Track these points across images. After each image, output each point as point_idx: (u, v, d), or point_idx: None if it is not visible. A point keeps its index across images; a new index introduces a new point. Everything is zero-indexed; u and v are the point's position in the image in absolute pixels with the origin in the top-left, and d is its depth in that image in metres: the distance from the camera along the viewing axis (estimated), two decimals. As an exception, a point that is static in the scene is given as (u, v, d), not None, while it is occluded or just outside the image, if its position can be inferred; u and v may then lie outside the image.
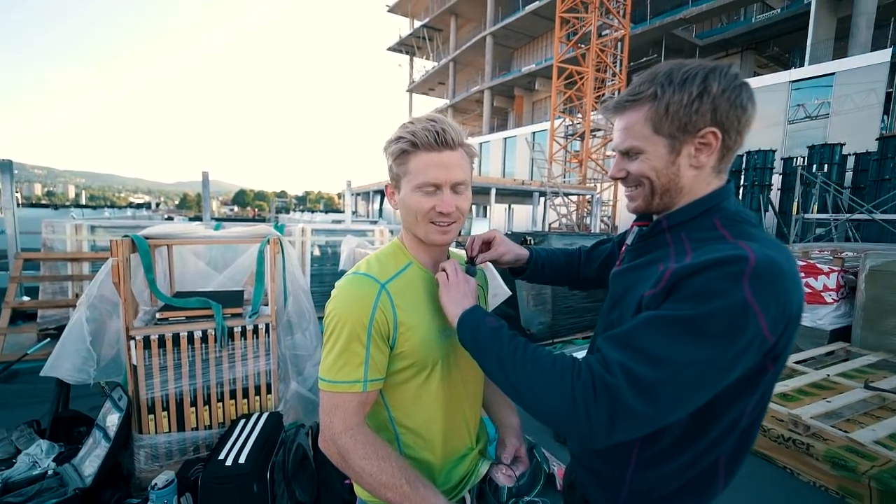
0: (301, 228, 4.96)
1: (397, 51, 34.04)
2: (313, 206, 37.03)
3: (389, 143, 0.82)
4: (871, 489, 2.12)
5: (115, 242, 1.95)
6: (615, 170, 0.78)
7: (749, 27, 16.79)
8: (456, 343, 0.87)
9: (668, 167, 0.70)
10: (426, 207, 0.80)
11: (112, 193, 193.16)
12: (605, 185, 15.58)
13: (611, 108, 0.75)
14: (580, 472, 0.88)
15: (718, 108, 0.65)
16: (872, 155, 10.06)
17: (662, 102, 0.67)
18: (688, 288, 0.60)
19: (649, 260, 0.75)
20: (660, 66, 0.70)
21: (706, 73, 0.65)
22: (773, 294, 0.57)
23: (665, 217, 0.75)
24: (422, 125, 0.79)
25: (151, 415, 2.02)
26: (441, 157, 0.79)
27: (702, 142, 0.68)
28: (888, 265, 3.70)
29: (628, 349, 0.60)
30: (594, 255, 1.11)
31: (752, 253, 0.58)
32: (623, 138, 0.73)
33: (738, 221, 0.69)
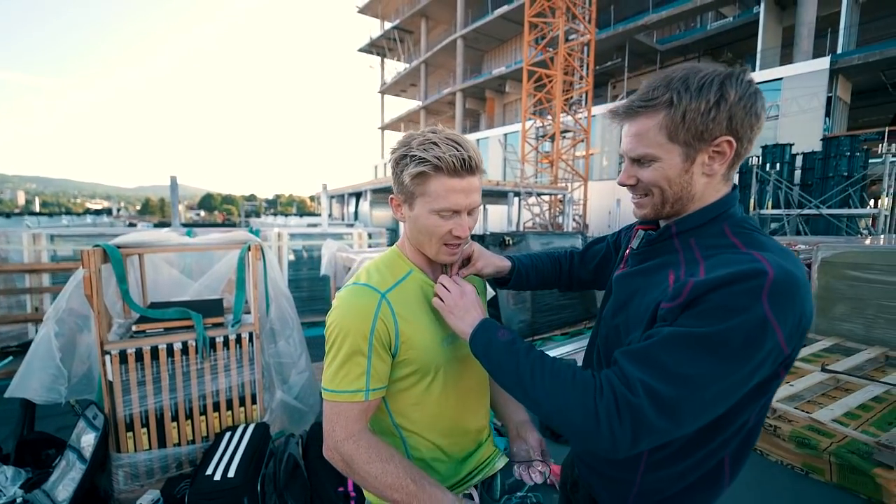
0: (277, 233, 4.85)
1: (368, 52, 33.71)
2: (285, 210, 36.02)
3: (407, 159, 0.78)
4: (830, 464, 2.29)
5: (87, 253, 1.85)
6: (625, 176, 0.75)
7: (705, 34, 17.71)
8: (459, 348, 0.89)
9: (681, 175, 0.69)
10: (443, 231, 0.81)
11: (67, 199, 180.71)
12: (575, 184, 16.01)
13: (621, 112, 0.72)
14: (586, 472, 0.88)
15: (734, 117, 0.64)
16: (818, 154, 10.82)
17: (679, 110, 0.65)
18: (708, 303, 0.59)
19: (657, 265, 0.74)
20: (673, 71, 0.68)
21: (722, 79, 0.64)
22: (791, 308, 0.58)
23: (675, 223, 0.74)
24: (448, 150, 0.76)
25: (130, 432, 1.93)
26: (463, 184, 0.78)
27: (716, 150, 0.66)
28: (838, 256, 4.00)
29: (649, 367, 0.60)
30: (588, 256, 1.10)
31: (770, 266, 0.58)
32: (635, 145, 0.71)
33: (747, 230, 0.69)
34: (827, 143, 10.79)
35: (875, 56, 12.62)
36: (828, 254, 4.06)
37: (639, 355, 0.62)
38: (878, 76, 14.43)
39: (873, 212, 10.18)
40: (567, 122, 16.07)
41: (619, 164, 17.92)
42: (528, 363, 0.69)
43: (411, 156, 0.77)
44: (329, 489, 1.86)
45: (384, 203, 12.96)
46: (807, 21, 13.93)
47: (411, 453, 0.89)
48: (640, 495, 0.76)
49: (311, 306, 5.42)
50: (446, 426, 0.90)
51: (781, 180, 10.84)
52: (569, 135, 16.33)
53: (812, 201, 10.42)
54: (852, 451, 2.26)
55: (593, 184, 17.10)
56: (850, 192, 10.10)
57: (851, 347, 3.70)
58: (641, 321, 0.70)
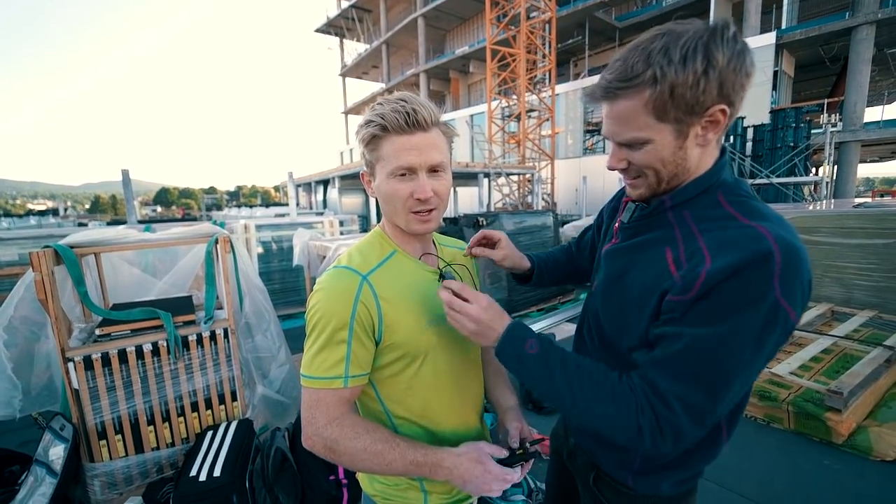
0: (244, 225, 4.65)
1: (326, 32, 32.24)
2: (249, 201, 34.55)
3: (360, 127, 0.78)
4: (788, 413, 2.50)
5: (36, 255, 1.71)
6: (614, 161, 0.70)
7: (661, 10, 18.06)
8: (448, 329, 0.83)
9: (675, 153, 0.65)
10: (404, 195, 0.77)
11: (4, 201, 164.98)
12: (542, 163, 16.21)
13: (598, 94, 0.66)
14: (586, 441, 0.89)
15: (725, 82, 0.59)
16: (767, 126, 11.43)
17: (665, 86, 0.59)
18: (722, 295, 0.58)
19: (651, 240, 0.72)
20: (651, 40, 0.61)
21: (706, 42, 0.57)
22: (799, 285, 0.58)
23: (669, 197, 0.70)
24: (391, 106, 0.74)
25: (103, 440, 1.84)
26: (413, 140, 0.75)
27: (709, 120, 0.62)
28: (790, 221, 4.26)
29: (681, 379, 0.60)
30: (583, 244, 1.07)
31: (775, 244, 0.57)
32: (621, 129, 0.65)
33: (743, 197, 0.67)
34: (775, 116, 11.40)
35: (814, 31, 13.32)
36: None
37: (668, 366, 0.62)
38: (817, 51, 15.28)
39: (816, 179, 10.92)
40: (532, 102, 16.13)
41: (583, 143, 18.26)
42: (565, 378, 0.68)
43: (363, 123, 0.77)
44: (320, 478, 1.85)
45: (353, 189, 12.68)
46: (754, -3, 14.48)
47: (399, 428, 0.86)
48: (645, 460, 0.78)
49: (286, 298, 5.29)
50: (440, 412, 0.87)
51: (735, 152, 11.40)
52: (534, 114, 16.42)
53: (763, 171, 11.04)
54: (807, 399, 2.47)
55: (560, 162, 17.37)
56: (796, 162, 10.76)
57: (802, 305, 4.01)
58: (642, 305, 0.68)
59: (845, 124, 13.01)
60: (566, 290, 5.74)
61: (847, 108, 13.10)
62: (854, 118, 12.97)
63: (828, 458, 2.25)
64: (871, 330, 3.38)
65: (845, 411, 2.35)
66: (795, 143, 10.85)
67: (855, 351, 3.01)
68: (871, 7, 12.50)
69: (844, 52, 13.89)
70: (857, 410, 2.41)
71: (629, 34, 20.04)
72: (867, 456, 2.24)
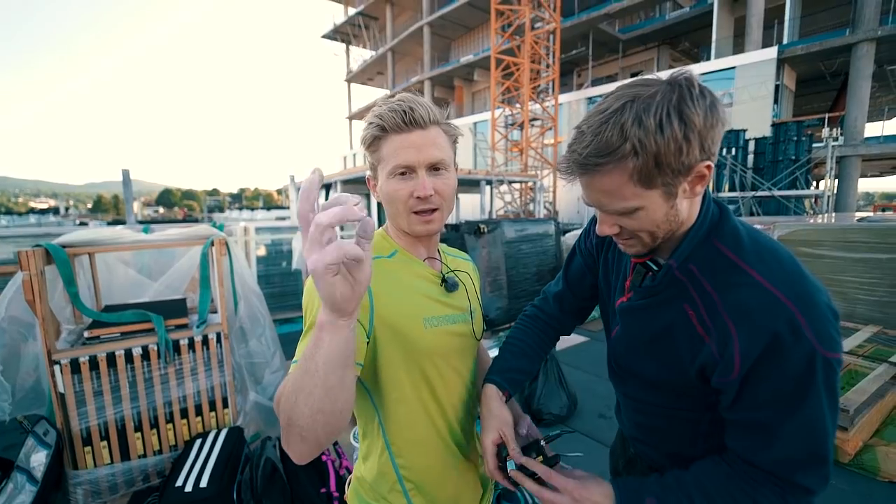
0: (243, 227, 4.62)
1: (332, 39, 32.55)
2: (251, 204, 34.62)
3: (362, 131, 0.78)
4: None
5: (25, 254, 1.67)
6: (606, 227, 0.69)
7: (664, 23, 18.22)
8: (447, 333, 0.82)
9: (667, 213, 0.65)
10: (404, 194, 0.75)
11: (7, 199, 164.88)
12: (545, 172, 16.24)
13: (575, 170, 0.64)
14: (648, 450, 0.89)
15: (705, 140, 0.59)
16: (768, 139, 11.45)
17: (648, 156, 0.58)
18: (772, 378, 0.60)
19: (666, 298, 0.72)
20: (617, 111, 0.59)
21: (677, 105, 0.57)
22: (830, 323, 0.60)
23: (673, 259, 0.70)
24: (388, 106, 0.74)
25: (88, 446, 1.78)
26: (411, 138, 0.74)
27: (696, 175, 0.62)
28: (793, 234, 4.25)
29: (800, 461, 0.62)
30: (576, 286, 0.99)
31: (794, 307, 0.59)
32: (608, 201, 0.65)
33: (737, 238, 0.67)
34: (776, 129, 11.42)
35: (815, 47, 13.42)
36: (783, 232, 4.30)
37: (783, 459, 0.63)
38: (818, 66, 15.38)
39: (818, 193, 10.92)
40: (535, 111, 16.21)
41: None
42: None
43: (364, 126, 0.78)
44: (311, 491, 1.80)
45: (355, 194, 12.68)
46: (756, 12, 14.59)
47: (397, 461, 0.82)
48: None
49: (284, 302, 5.23)
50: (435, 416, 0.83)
51: (736, 164, 11.41)
52: (537, 123, 16.50)
53: (764, 184, 11.04)
54: (811, 416, 2.41)
55: (562, 171, 17.39)
56: (798, 175, 10.76)
57: (805, 320, 3.96)
58: (685, 371, 0.70)
59: (846, 139, 13.04)
60: (566, 299, 5.69)
61: (848, 122, 13.14)
62: (855, 133, 13.01)
63: (833, 478, 2.17)
64: (875, 346, 3.33)
65: (851, 429, 2.29)
66: (797, 156, 10.86)
67: (860, 367, 2.95)
68: (871, 24, 12.60)
69: (845, 67, 13.99)
70: (864, 429, 2.35)
71: (632, 46, 20.21)
72: (874, 476, 2.18)
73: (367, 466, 0.85)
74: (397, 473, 0.82)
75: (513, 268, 5.06)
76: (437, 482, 0.85)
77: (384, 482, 0.83)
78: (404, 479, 0.82)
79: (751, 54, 14.20)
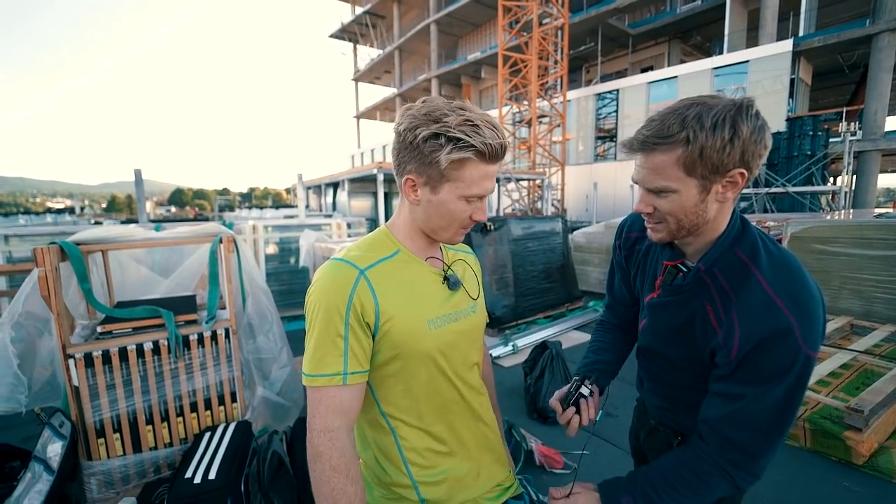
0: (252, 225, 4.68)
1: (340, 38, 32.69)
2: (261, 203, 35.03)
3: (442, 139, 0.71)
4: (805, 430, 2.39)
5: (40, 251, 1.72)
6: (643, 205, 0.79)
7: (675, 17, 17.90)
8: (450, 332, 0.85)
9: (697, 206, 0.74)
10: (465, 216, 0.80)
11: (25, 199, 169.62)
12: (553, 169, 16.13)
13: (637, 146, 0.75)
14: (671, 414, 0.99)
15: (747, 151, 0.69)
16: (783, 134, 11.21)
17: (696, 146, 0.69)
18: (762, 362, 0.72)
19: (690, 296, 0.83)
20: (685, 108, 0.71)
21: (734, 116, 0.68)
22: (818, 330, 0.71)
23: (701, 262, 0.80)
24: (492, 136, 0.73)
25: (101, 438, 1.83)
26: (493, 169, 0.78)
27: (729, 181, 0.72)
28: (806, 231, 4.15)
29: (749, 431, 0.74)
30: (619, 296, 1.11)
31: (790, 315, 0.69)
32: (653, 178, 0.75)
33: (754, 248, 0.77)
34: (791, 124, 11.19)
35: (833, 39, 13.06)
36: (797, 229, 4.21)
37: (736, 421, 0.75)
38: (835, 59, 14.99)
39: (834, 189, 10.67)
40: (543, 108, 16.10)
41: (594, 149, 18.12)
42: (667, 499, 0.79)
43: (451, 137, 0.71)
44: (317, 484, 1.82)
45: (362, 192, 12.74)
46: (771, 4, 14.25)
47: (401, 443, 0.84)
48: None
49: (292, 300, 5.29)
50: (439, 417, 0.86)
51: (750, 160, 11.19)
52: (545, 120, 16.38)
53: (778, 180, 10.82)
54: (824, 416, 2.36)
55: (570, 168, 17.27)
56: (813, 171, 10.54)
57: (819, 318, 3.87)
58: (700, 353, 0.82)
59: (865, 133, 12.70)
60: (574, 297, 5.66)
61: (867, 116, 12.79)
62: (874, 127, 12.66)
63: (847, 480, 2.15)
64: (892, 345, 3.24)
65: (866, 430, 2.24)
66: (812, 151, 10.62)
67: (876, 367, 2.89)
68: (893, 14, 12.22)
69: (864, 59, 13.60)
70: (879, 430, 2.30)
71: (642, 41, 19.90)
72: (890, 479, 2.13)
73: (368, 454, 0.88)
74: (402, 455, 0.84)
75: (519, 266, 5.04)
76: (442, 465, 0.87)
77: (388, 463, 0.85)
78: (409, 462, 0.84)
79: (765, 47, 13.88)
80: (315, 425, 0.74)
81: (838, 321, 3.72)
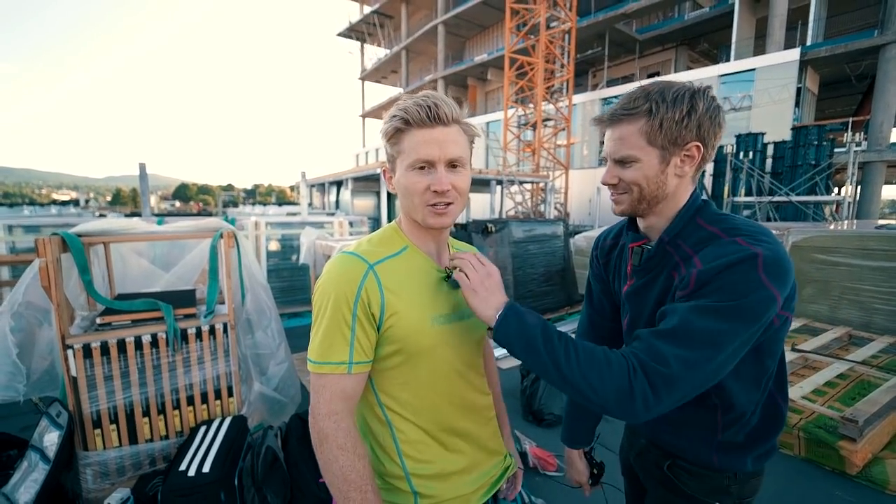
0: (254, 222, 4.70)
1: (347, 37, 32.82)
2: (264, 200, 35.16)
3: (384, 123, 0.81)
4: (799, 439, 2.39)
5: (42, 241, 1.74)
6: (609, 176, 0.85)
7: (682, 24, 17.89)
8: (452, 331, 0.85)
9: (657, 176, 0.80)
10: (421, 187, 0.78)
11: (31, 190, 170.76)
12: (556, 173, 16.12)
13: (605, 119, 0.82)
14: (662, 434, 0.95)
15: (702, 125, 0.76)
16: (788, 143, 11.16)
17: (657, 118, 0.76)
18: (717, 283, 0.70)
19: (659, 272, 0.85)
20: (650, 85, 0.79)
21: (692, 93, 0.76)
22: (780, 272, 0.71)
23: (664, 233, 0.85)
24: (414, 101, 0.77)
25: (98, 429, 1.85)
26: (434, 133, 0.77)
27: (686, 154, 0.79)
28: (807, 240, 4.15)
29: (680, 340, 0.69)
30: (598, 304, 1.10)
31: (756, 247, 0.71)
32: (618, 147, 0.81)
33: (719, 218, 0.81)
34: (796, 133, 11.14)
35: (840, 49, 13.03)
36: (798, 238, 4.20)
37: (668, 334, 0.71)
38: (843, 68, 14.93)
39: (838, 199, 10.62)
40: (548, 111, 16.09)
41: (599, 154, 18.09)
42: (562, 346, 0.74)
43: (387, 118, 0.80)
44: (310, 481, 1.83)
45: (366, 191, 12.76)
46: (779, 13, 14.23)
47: (397, 436, 0.85)
48: (721, 444, 0.87)
49: (292, 296, 5.31)
50: (436, 413, 0.87)
51: (754, 168, 11.16)
52: (550, 123, 16.37)
53: (782, 189, 10.78)
54: (819, 426, 2.36)
55: (574, 172, 17.25)
56: (817, 180, 10.49)
57: (818, 328, 3.86)
58: None
59: (870, 144, 12.64)
60: (574, 300, 5.66)
61: (873, 127, 12.74)
62: (880, 138, 12.61)
63: (840, 490, 2.15)
64: (890, 356, 3.23)
65: (860, 441, 2.24)
66: (817, 161, 10.58)
67: (872, 378, 2.88)
68: (902, 25, 12.17)
69: (871, 70, 13.54)
70: (874, 440, 2.30)
71: (649, 47, 19.89)
72: (883, 489, 2.12)
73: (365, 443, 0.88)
74: (397, 447, 0.85)
75: (520, 268, 5.05)
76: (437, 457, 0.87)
77: (383, 455, 0.86)
78: (403, 454, 0.85)
79: (772, 56, 13.86)
80: (320, 410, 0.76)
81: (837, 331, 3.71)
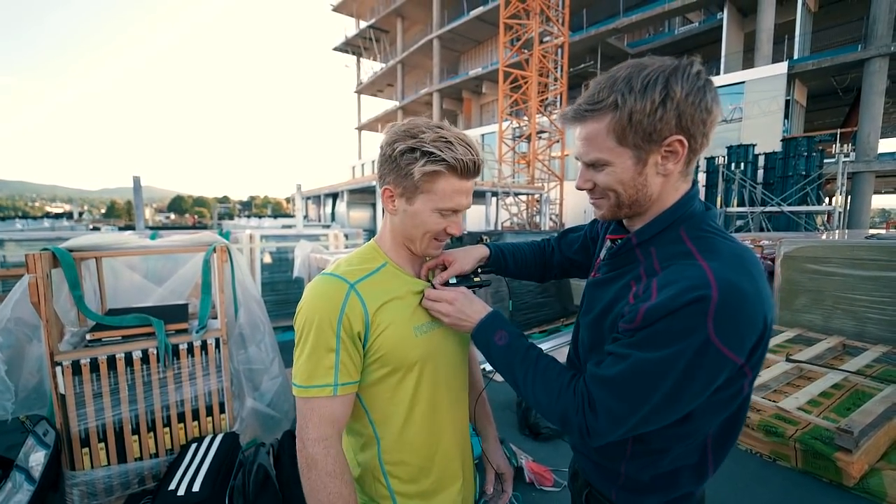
0: (249, 235, 4.69)
1: (343, 51, 33.26)
2: (260, 212, 35.10)
3: (417, 153, 0.74)
4: (796, 450, 2.38)
5: (32, 257, 1.72)
6: (581, 181, 0.75)
7: (673, 38, 18.35)
8: (435, 343, 0.87)
9: (635, 178, 0.68)
10: (439, 228, 0.82)
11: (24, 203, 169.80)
12: (551, 184, 16.26)
13: (570, 116, 0.70)
14: (582, 461, 0.90)
15: (683, 114, 0.62)
16: (778, 154, 11.35)
17: (624, 112, 0.63)
18: (657, 328, 0.61)
19: (620, 274, 0.76)
20: (619, 69, 0.65)
21: (667, 76, 0.61)
22: (737, 323, 0.59)
23: (635, 234, 0.74)
24: (464, 152, 0.75)
25: (86, 448, 1.81)
26: (467, 185, 0.81)
27: (668, 150, 0.65)
28: (799, 251, 4.19)
29: (612, 391, 0.66)
30: (565, 243, 1.09)
31: (715, 285, 0.59)
32: (587, 150, 0.69)
33: (705, 232, 0.69)
34: (786, 144, 11.34)
35: (826, 62, 13.37)
36: (790, 248, 4.24)
37: (605, 381, 0.67)
38: (829, 81, 15.31)
39: (829, 209, 10.76)
40: (543, 123, 16.31)
41: (593, 165, 18.28)
42: (522, 370, 0.76)
43: (425, 151, 0.74)
44: (302, 499, 1.79)
45: (361, 203, 12.80)
46: (766, 27, 14.61)
47: (382, 456, 0.85)
48: (627, 478, 0.80)
49: (286, 310, 5.26)
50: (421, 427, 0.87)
51: (746, 179, 11.31)
52: (545, 135, 16.58)
53: (774, 199, 10.92)
54: (815, 437, 2.35)
55: (569, 183, 17.40)
56: (808, 191, 10.64)
57: (812, 337, 3.87)
58: (611, 334, 0.73)
59: (858, 155, 12.90)
60: (570, 312, 5.66)
61: (860, 138, 13.01)
62: (867, 149, 12.87)
63: (838, 502, 2.13)
64: (884, 366, 3.24)
65: (856, 452, 2.23)
66: (807, 171, 10.74)
67: (867, 388, 2.88)
68: (885, 40, 12.53)
69: (857, 83, 13.89)
70: (870, 451, 2.29)
71: (640, 60, 20.34)
72: (880, 501, 2.11)
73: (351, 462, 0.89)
74: (381, 466, 0.85)
75: (515, 279, 5.06)
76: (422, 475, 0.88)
77: (368, 475, 0.86)
78: (388, 474, 0.85)
79: (761, 69, 14.18)
80: (309, 435, 0.75)
81: (830, 341, 3.72)
